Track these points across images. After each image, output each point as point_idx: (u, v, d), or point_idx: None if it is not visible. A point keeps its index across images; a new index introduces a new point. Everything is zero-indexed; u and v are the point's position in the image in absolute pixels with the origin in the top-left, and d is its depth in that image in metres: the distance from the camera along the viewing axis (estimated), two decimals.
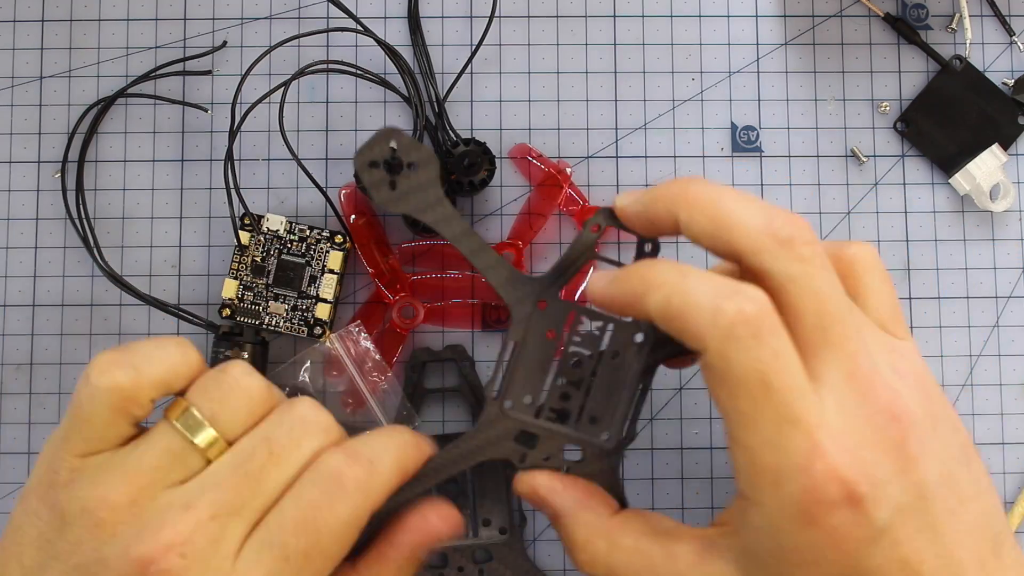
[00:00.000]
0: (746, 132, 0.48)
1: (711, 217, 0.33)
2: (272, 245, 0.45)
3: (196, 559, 0.32)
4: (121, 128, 0.47)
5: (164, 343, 0.35)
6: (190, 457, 0.34)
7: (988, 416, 0.47)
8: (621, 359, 0.37)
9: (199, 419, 0.34)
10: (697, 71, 0.48)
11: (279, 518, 0.34)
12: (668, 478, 0.46)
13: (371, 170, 0.37)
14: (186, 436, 0.34)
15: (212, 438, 0.34)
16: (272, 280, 0.45)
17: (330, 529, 0.33)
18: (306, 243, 0.45)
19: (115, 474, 0.33)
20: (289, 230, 0.45)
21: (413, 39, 0.47)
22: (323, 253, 0.45)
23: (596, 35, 0.48)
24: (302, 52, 0.47)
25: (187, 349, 0.35)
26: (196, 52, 0.47)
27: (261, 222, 0.45)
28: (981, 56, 0.48)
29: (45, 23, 0.48)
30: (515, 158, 0.47)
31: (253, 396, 0.34)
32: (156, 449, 0.34)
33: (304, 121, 0.47)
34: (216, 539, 0.33)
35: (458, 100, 0.47)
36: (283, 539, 0.33)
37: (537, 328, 0.37)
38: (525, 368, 0.37)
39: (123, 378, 0.34)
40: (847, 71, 0.48)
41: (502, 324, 0.46)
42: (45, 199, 0.47)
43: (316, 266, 0.45)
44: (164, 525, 0.32)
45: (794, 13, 0.48)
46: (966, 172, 0.47)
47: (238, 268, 0.45)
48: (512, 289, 0.37)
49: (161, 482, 0.33)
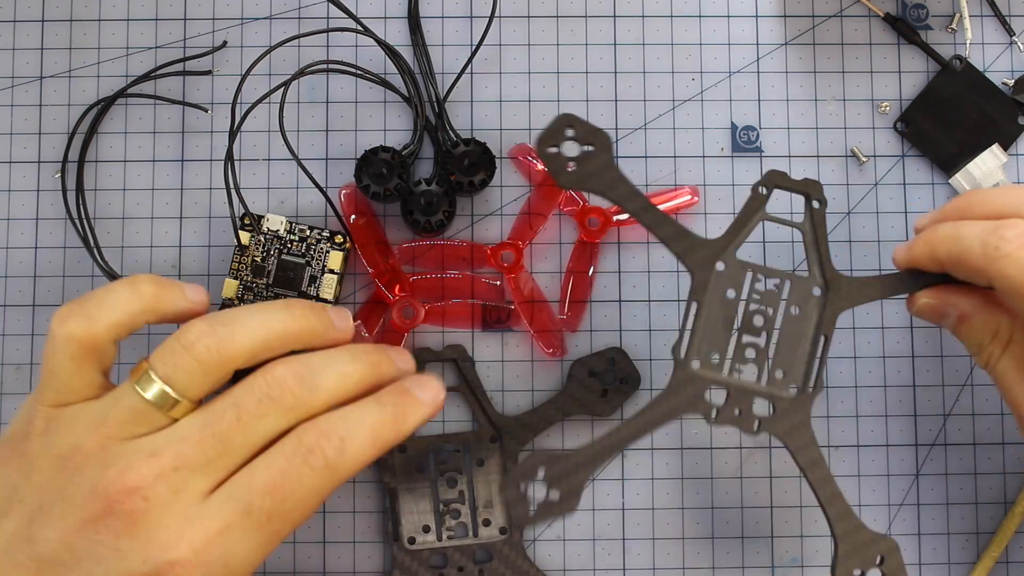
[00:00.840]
0: (746, 132, 0.48)
1: (949, 253, 0.38)
2: (272, 245, 0.45)
3: (157, 504, 0.34)
4: (121, 128, 0.47)
5: (115, 287, 0.38)
6: (153, 415, 0.36)
7: (988, 416, 0.47)
8: (801, 313, 0.40)
9: (154, 380, 0.36)
10: (697, 71, 0.48)
11: (248, 478, 0.35)
12: (668, 478, 0.46)
13: (551, 155, 0.40)
14: (143, 396, 0.36)
15: (167, 396, 0.36)
16: (272, 280, 0.45)
17: (295, 498, 0.35)
18: (306, 243, 0.45)
19: (87, 423, 0.36)
20: (289, 230, 0.45)
21: (413, 39, 0.47)
22: (323, 253, 0.45)
23: (596, 35, 0.48)
24: (302, 52, 0.47)
25: (140, 287, 0.38)
26: (196, 52, 0.47)
27: (261, 222, 0.45)
28: (981, 56, 0.48)
29: (45, 23, 0.48)
30: (515, 158, 0.47)
31: (205, 360, 0.36)
32: (122, 406, 0.36)
33: (304, 121, 0.47)
34: (178, 489, 0.35)
35: (458, 100, 0.47)
36: (249, 497, 0.35)
37: (717, 289, 0.40)
38: (709, 328, 0.40)
39: (77, 327, 0.36)
40: (847, 71, 0.48)
41: (502, 324, 0.46)
42: (45, 199, 0.47)
43: (316, 266, 0.45)
44: (130, 467, 0.34)
45: (794, 13, 0.48)
46: (966, 172, 0.47)
47: (238, 268, 0.45)
48: (692, 254, 0.40)
49: (128, 434, 0.36)
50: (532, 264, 0.47)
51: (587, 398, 0.45)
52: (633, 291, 0.47)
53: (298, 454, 0.35)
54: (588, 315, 0.46)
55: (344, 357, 0.38)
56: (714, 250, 0.40)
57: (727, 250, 0.40)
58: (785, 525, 0.46)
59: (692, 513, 0.46)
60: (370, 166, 0.44)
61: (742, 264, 0.40)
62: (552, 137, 0.40)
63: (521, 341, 0.46)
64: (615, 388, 0.45)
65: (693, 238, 0.40)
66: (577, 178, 0.40)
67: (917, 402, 0.47)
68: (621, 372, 0.45)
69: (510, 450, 0.45)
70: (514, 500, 0.38)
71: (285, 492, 0.35)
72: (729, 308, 0.40)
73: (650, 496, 0.46)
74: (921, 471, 0.46)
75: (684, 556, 0.46)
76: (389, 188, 0.44)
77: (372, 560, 0.46)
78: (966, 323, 0.39)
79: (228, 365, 0.36)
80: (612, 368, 0.45)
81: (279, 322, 0.37)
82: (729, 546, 0.46)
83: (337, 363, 0.37)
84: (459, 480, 0.45)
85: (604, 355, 0.46)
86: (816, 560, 0.46)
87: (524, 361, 0.46)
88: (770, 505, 0.46)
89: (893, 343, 0.47)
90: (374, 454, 0.37)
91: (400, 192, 0.45)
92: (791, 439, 0.40)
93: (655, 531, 0.46)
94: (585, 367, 0.45)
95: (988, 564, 0.45)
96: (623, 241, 0.47)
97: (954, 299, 0.39)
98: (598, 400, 0.45)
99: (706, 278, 0.40)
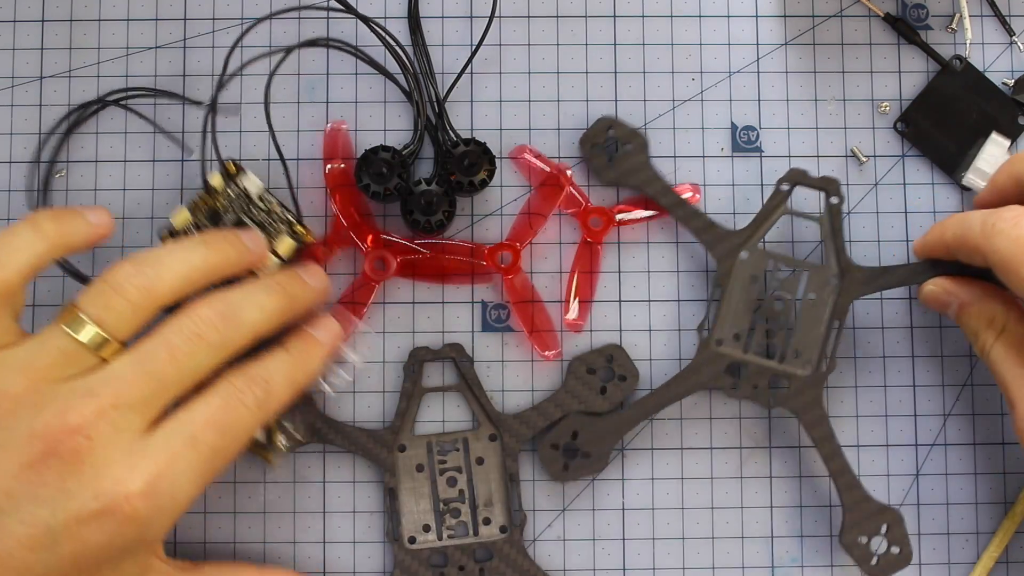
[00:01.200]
0: (746, 132, 0.48)
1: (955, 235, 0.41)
2: (239, 202, 0.43)
3: (100, 442, 0.35)
4: (121, 128, 0.47)
5: (16, 229, 0.38)
6: (84, 357, 0.36)
7: (988, 416, 0.47)
8: (817, 300, 0.44)
9: (84, 320, 0.37)
10: (697, 71, 0.48)
11: (189, 415, 0.37)
12: (668, 478, 0.46)
13: (594, 152, 0.46)
14: (73, 336, 0.36)
15: (99, 337, 0.37)
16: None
17: (233, 433, 0.38)
18: (269, 217, 0.43)
19: (12, 369, 0.36)
20: (261, 197, 0.43)
21: (413, 39, 0.47)
22: (278, 234, 0.43)
23: (596, 35, 0.48)
24: (302, 52, 0.47)
25: (41, 225, 0.38)
26: (197, 50, 0.47)
27: (240, 177, 0.43)
28: (981, 56, 0.48)
29: (45, 23, 0.48)
30: (515, 158, 0.47)
31: (136, 300, 0.37)
32: (49, 347, 0.36)
33: (304, 121, 0.47)
34: (119, 427, 0.36)
35: (458, 100, 0.47)
36: (193, 430, 0.37)
37: (741, 275, 0.44)
38: (732, 311, 0.44)
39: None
40: (847, 71, 0.48)
41: (502, 323, 0.46)
42: (44, 199, 0.47)
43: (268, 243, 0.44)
44: (69, 408, 0.35)
45: (794, 13, 0.48)
46: (976, 169, 0.46)
47: (196, 205, 0.43)
48: (719, 244, 0.44)
49: (59, 376, 0.36)
50: (532, 264, 0.47)
51: (586, 395, 0.45)
52: (633, 291, 0.47)
53: (232, 395, 0.38)
54: (588, 315, 0.46)
55: (260, 291, 0.40)
56: (739, 240, 0.44)
57: (751, 241, 0.44)
58: (785, 525, 0.46)
59: (692, 513, 0.46)
60: (370, 165, 0.44)
61: (764, 253, 0.44)
62: (594, 137, 0.46)
63: (520, 341, 0.46)
64: (614, 385, 0.45)
65: (720, 229, 0.45)
66: (616, 175, 0.46)
67: (917, 402, 0.47)
68: (620, 369, 0.45)
69: (509, 448, 0.45)
70: (548, 459, 0.44)
71: (225, 426, 0.37)
72: (751, 293, 0.44)
73: (650, 496, 0.46)
74: (921, 471, 0.46)
75: (684, 556, 0.46)
76: (389, 188, 0.44)
77: (372, 560, 0.46)
78: (965, 311, 0.42)
79: (157, 303, 0.38)
80: (611, 365, 0.46)
81: (200, 258, 0.39)
82: (729, 546, 0.46)
83: (255, 297, 0.40)
84: (459, 479, 0.45)
85: (603, 352, 0.46)
86: (816, 560, 0.46)
87: (524, 361, 0.46)
88: (770, 505, 0.46)
89: (893, 343, 0.47)
90: (293, 392, 0.40)
91: (400, 192, 0.45)
92: (804, 414, 0.44)
93: (655, 531, 0.46)
94: (584, 364, 0.45)
95: (988, 564, 0.45)
96: (623, 241, 0.47)
97: (956, 289, 0.42)
98: (597, 397, 0.45)
99: (730, 266, 0.44)
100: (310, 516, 0.46)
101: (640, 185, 0.45)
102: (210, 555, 0.45)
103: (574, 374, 0.45)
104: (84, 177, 0.47)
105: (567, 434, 0.44)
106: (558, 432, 0.44)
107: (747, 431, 0.46)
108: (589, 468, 0.44)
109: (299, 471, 0.46)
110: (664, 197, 0.45)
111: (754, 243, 0.44)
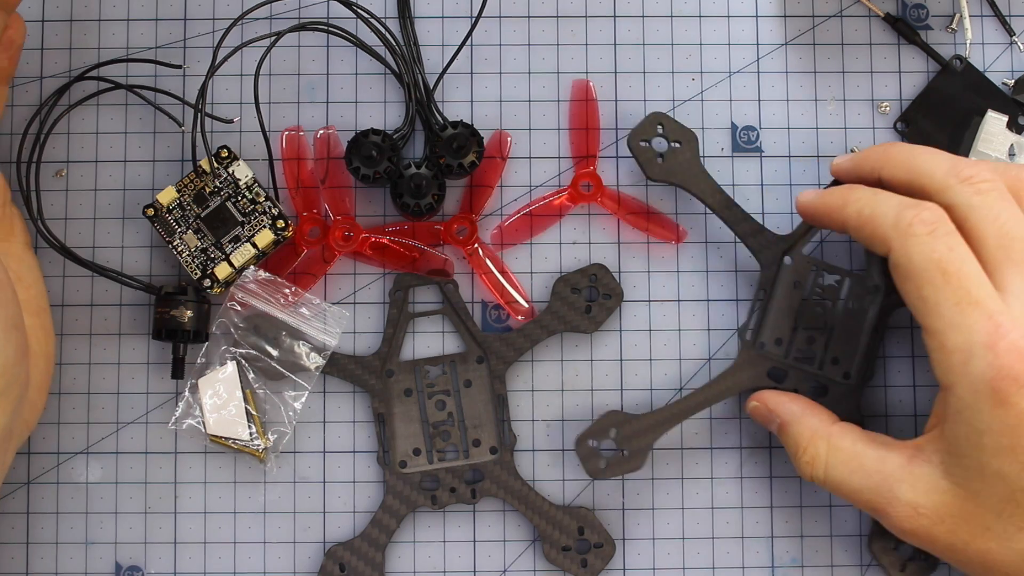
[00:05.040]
0: (746, 132, 0.48)
1: (907, 169, 0.39)
2: (226, 188, 0.44)
3: None
4: (122, 129, 0.47)
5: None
6: None
7: None
8: (857, 307, 0.44)
9: None
10: (697, 71, 0.48)
11: None
12: (668, 478, 0.46)
13: (642, 148, 0.45)
14: None
15: None
16: (205, 214, 0.44)
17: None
18: (254, 207, 0.44)
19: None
20: (248, 186, 0.44)
21: (402, 23, 0.47)
22: (259, 226, 0.44)
23: (596, 35, 0.48)
24: (302, 53, 0.47)
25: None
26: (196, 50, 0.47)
27: (231, 164, 0.44)
28: (981, 56, 0.48)
29: (45, 23, 0.48)
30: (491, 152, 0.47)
31: None
32: None
33: (304, 121, 0.47)
34: None
35: (458, 100, 0.47)
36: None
37: (784, 280, 0.44)
38: (775, 314, 0.44)
39: None
40: (847, 71, 0.48)
41: (501, 323, 0.46)
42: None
43: (247, 231, 0.44)
44: None
45: (794, 13, 0.48)
46: (977, 152, 0.46)
47: (186, 186, 0.44)
48: (765, 250, 0.44)
49: None
50: (525, 258, 0.47)
51: (571, 315, 0.45)
52: (633, 291, 0.47)
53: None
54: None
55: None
56: (783, 246, 0.44)
57: (795, 247, 0.44)
58: (785, 525, 0.46)
59: (692, 513, 0.46)
60: (360, 148, 0.44)
61: (808, 260, 0.44)
62: (644, 132, 0.45)
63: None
64: (598, 304, 0.45)
65: (768, 235, 0.45)
66: (664, 171, 0.45)
67: (917, 402, 0.47)
68: (604, 287, 0.45)
69: (496, 370, 0.45)
70: (586, 455, 0.43)
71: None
72: (793, 299, 0.44)
73: (651, 496, 0.46)
74: None
75: (684, 556, 0.46)
76: (379, 171, 0.44)
77: None
78: (785, 430, 0.42)
79: None
80: (594, 284, 0.45)
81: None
82: (729, 546, 0.46)
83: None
84: (448, 402, 0.45)
85: (586, 272, 0.46)
86: (816, 560, 0.46)
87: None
88: (770, 505, 0.46)
89: (893, 344, 0.47)
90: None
91: (390, 175, 0.45)
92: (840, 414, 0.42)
93: (655, 531, 0.46)
94: (568, 284, 0.45)
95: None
96: (623, 241, 0.47)
97: (778, 407, 0.42)
98: (582, 316, 0.45)
99: (774, 271, 0.44)
100: (310, 516, 0.46)
101: (687, 183, 0.45)
102: (210, 555, 0.45)
103: (558, 295, 0.45)
104: (84, 177, 0.47)
105: (605, 432, 0.43)
106: (596, 429, 0.43)
107: (747, 431, 0.46)
108: (627, 466, 0.43)
109: (299, 471, 0.46)
110: (711, 197, 0.45)
111: (799, 249, 0.44)
